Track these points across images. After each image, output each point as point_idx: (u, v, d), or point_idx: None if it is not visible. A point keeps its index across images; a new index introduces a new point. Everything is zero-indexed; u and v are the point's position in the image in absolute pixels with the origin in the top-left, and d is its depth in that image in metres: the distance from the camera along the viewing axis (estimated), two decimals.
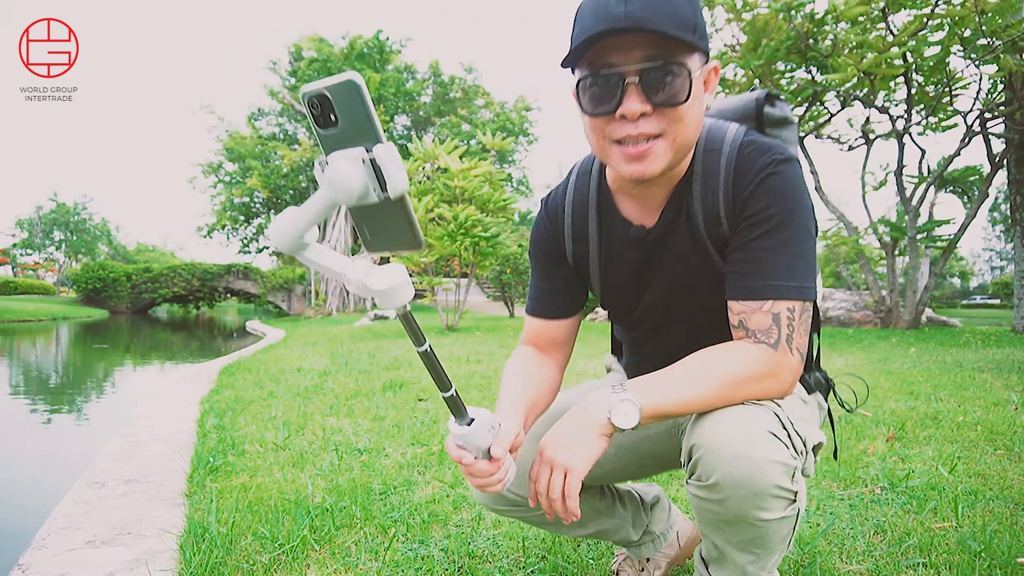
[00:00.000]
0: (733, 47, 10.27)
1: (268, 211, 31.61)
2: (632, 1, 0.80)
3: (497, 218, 10.36)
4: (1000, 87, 9.13)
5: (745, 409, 0.88)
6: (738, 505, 0.86)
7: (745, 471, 0.83)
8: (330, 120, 0.62)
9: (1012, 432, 2.64)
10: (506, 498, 1.14)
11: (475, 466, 0.87)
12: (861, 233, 11.11)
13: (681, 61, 0.84)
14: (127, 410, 4.62)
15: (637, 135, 0.87)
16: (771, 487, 0.84)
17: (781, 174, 0.92)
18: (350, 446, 2.68)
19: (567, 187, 1.11)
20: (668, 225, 1.01)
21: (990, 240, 54.83)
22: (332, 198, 0.63)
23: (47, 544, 1.74)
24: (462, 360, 5.88)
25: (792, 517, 0.90)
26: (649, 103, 0.85)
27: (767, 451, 0.84)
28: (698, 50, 0.86)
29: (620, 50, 0.84)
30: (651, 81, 0.84)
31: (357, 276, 0.67)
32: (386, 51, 26.98)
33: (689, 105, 0.86)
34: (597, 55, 0.85)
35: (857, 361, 5.39)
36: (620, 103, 0.85)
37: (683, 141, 0.90)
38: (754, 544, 0.91)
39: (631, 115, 0.85)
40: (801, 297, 0.91)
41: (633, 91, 0.84)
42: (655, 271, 1.06)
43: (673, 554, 1.41)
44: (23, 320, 24.28)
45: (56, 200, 52.82)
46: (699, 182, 0.97)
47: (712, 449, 0.86)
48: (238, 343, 13.26)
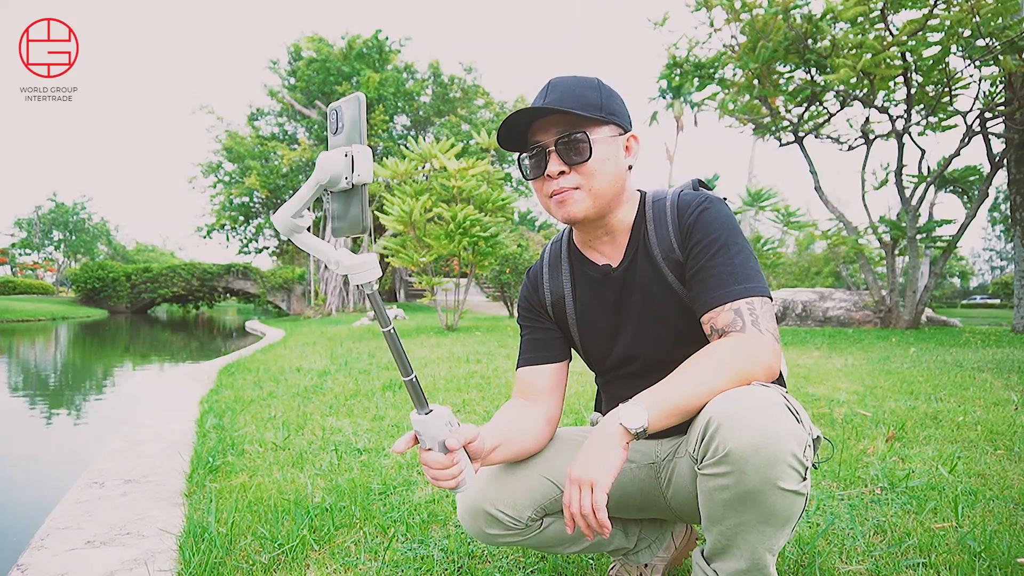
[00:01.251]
0: (731, 48, 10.27)
1: (267, 211, 31.58)
2: (549, 95, 1.12)
3: (496, 218, 10.34)
4: (1000, 87, 9.13)
5: (756, 387, 0.97)
6: (756, 473, 0.90)
7: (763, 436, 0.89)
8: (339, 127, 0.86)
9: (1012, 432, 2.64)
10: (500, 522, 1.18)
11: (429, 456, 0.96)
12: (861, 233, 11.11)
13: (584, 131, 1.11)
14: (127, 410, 4.62)
15: (559, 189, 1.13)
16: (787, 455, 0.90)
17: (714, 207, 1.15)
18: (349, 446, 2.68)
19: (543, 256, 1.37)
20: (631, 261, 1.21)
21: (990, 240, 54.84)
22: (318, 178, 0.84)
23: (47, 544, 1.74)
24: (462, 360, 5.88)
25: (802, 497, 0.94)
26: (564, 164, 1.12)
27: (782, 420, 0.91)
28: (607, 123, 1.13)
29: (542, 130, 1.13)
30: (562, 148, 1.11)
31: (335, 256, 0.86)
32: (385, 51, 26.90)
33: (597, 162, 1.11)
34: (529, 137, 1.15)
35: (857, 361, 5.39)
36: (546, 166, 1.13)
37: (598, 190, 1.13)
38: (769, 521, 0.94)
39: (553, 174, 1.13)
40: (757, 294, 1.06)
41: (553, 157, 1.12)
42: (626, 308, 1.22)
43: (670, 556, 1.41)
44: (22, 320, 24.27)
45: (55, 200, 52.75)
46: (652, 223, 1.20)
47: (729, 418, 0.92)
48: (238, 343, 13.26)
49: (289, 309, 29.81)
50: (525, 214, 36.50)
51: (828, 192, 11.18)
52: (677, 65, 10.94)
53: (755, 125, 11.34)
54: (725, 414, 0.92)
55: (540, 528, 1.21)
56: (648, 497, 1.26)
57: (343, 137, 0.85)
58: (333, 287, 23.84)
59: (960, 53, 8.44)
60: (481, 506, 1.18)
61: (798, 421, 0.93)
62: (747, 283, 1.06)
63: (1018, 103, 8.57)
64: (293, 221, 0.88)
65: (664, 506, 1.26)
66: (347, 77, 25.94)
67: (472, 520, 1.19)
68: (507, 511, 1.17)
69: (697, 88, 11.37)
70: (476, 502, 1.18)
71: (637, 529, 1.37)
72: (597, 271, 1.23)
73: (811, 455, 0.97)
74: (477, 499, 1.18)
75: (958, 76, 8.82)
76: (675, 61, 10.92)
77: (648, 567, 1.38)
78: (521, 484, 1.19)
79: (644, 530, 1.38)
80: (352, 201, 0.86)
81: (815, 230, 12.92)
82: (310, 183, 0.86)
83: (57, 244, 53.71)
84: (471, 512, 1.19)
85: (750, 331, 1.02)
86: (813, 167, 10.79)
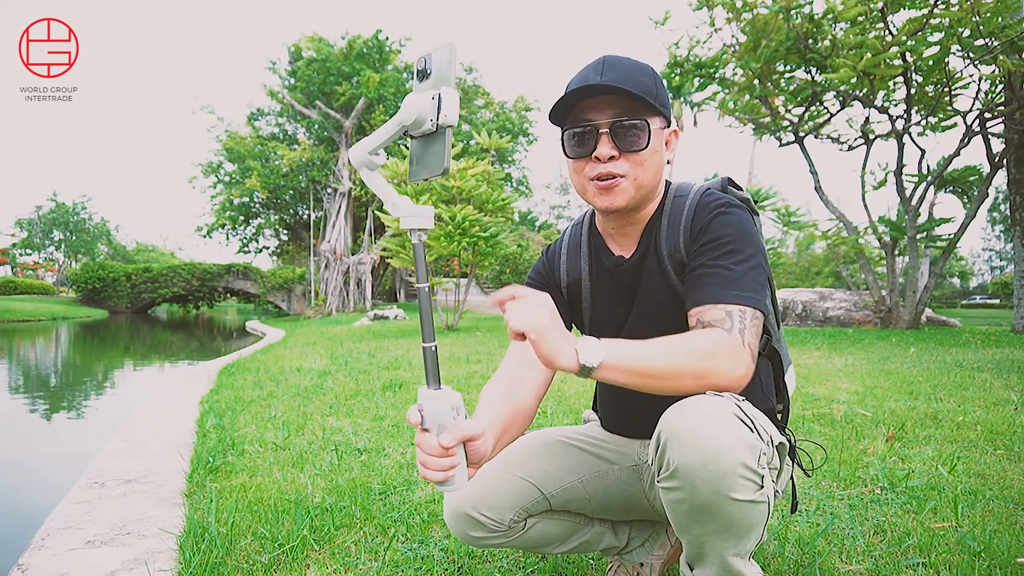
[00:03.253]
0: (732, 47, 10.27)
1: (267, 211, 31.58)
2: (607, 73, 1.06)
3: (496, 218, 10.35)
4: (999, 87, 9.13)
5: (708, 398, 0.93)
6: (707, 487, 0.88)
7: (710, 450, 0.87)
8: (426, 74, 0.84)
9: (1012, 432, 2.64)
10: (483, 525, 1.17)
11: (424, 437, 0.87)
12: (861, 233, 11.11)
13: (643, 118, 1.06)
14: (127, 410, 4.62)
15: (607, 173, 1.08)
16: (737, 466, 0.87)
17: (734, 213, 1.09)
18: (350, 446, 2.68)
19: (563, 237, 1.33)
20: (641, 255, 1.18)
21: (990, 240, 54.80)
22: (401, 119, 0.83)
23: (47, 544, 1.74)
24: (462, 360, 5.88)
25: (764, 504, 0.91)
26: (617, 149, 1.07)
27: (732, 431, 0.88)
28: (659, 114, 1.08)
29: (595, 109, 1.07)
30: (618, 132, 1.06)
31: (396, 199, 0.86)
32: (385, 51, 26.87)
33: (648, 152, 1.08)
34: (578, 113, 1.09)
35: (857, 361, 5.39)
36: (595, 148, 1.07)
37: (643, 183, 1.10)
38: (731, 530, 0.92)
39: (603, 157, 1.07)
40: (752, 304, 1.01)
41: (605, 139, 1.07)
42: (632, 301, 1.20)
43: (665, 555, 1.41)
44: (23, 320, 24.27)
45: (56, 200, 52.73)
46: (667, 220, 1.16)
47: (677, 432, 0.90)
48: (238, 343, 13.26)
49: (289, 309, 29.81)
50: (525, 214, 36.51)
51: (828, 192, 11.17)
52: (678, 64, 10.93)
53: (755, 125, 11.34)
54: (673, 428, 0.90)
55: (524, 529, 1.21)
56: (632, 498, 1.26)
57: (430, 83, 0.84)
58: (333, 287, 23.83)
59: (960, 53, 8.44)
60: (463, 509, 1.17)
61: (752, 430, 0.91)
62: (745, 291, 1.02)
63: (1018, 103, 8.57)
64: (369, 157, 0.88)
65: (649, 507, 1.27)
66: (347, 77, 25.93)
67: (455, 523, 1.19)
68: (489, 514, 1.16)
69: (698, 88, 11.38)
70: (458, 506, 1.17)
71: (627, 529, 1.37)
72: (611, 260, 1.21)
73: (771, 461, 0.95)
74: (458, 502, 1.17)
75: (958, 76, 8.82)
76: (675, 60, 10.91)
77: (644, 566, 1.38)
78: (503, 487, 1.19)
79: (635, 530, 1.38)
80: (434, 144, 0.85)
81: (815, 230, 12.94)
82: (392, 123, 0.84)
83: (57, 244, 53.70)
84: (453, 515, 1.18)
85: (735, 336, 0.97)
86: (813, 167, 10.79)
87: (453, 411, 0.87)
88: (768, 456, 0.94)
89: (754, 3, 9.26)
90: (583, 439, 1.30)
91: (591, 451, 1.28)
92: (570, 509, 1.27)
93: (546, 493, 1.21)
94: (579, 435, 1.31)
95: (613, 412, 1.32)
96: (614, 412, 1.32)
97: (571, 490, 1.23)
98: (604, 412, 1.36)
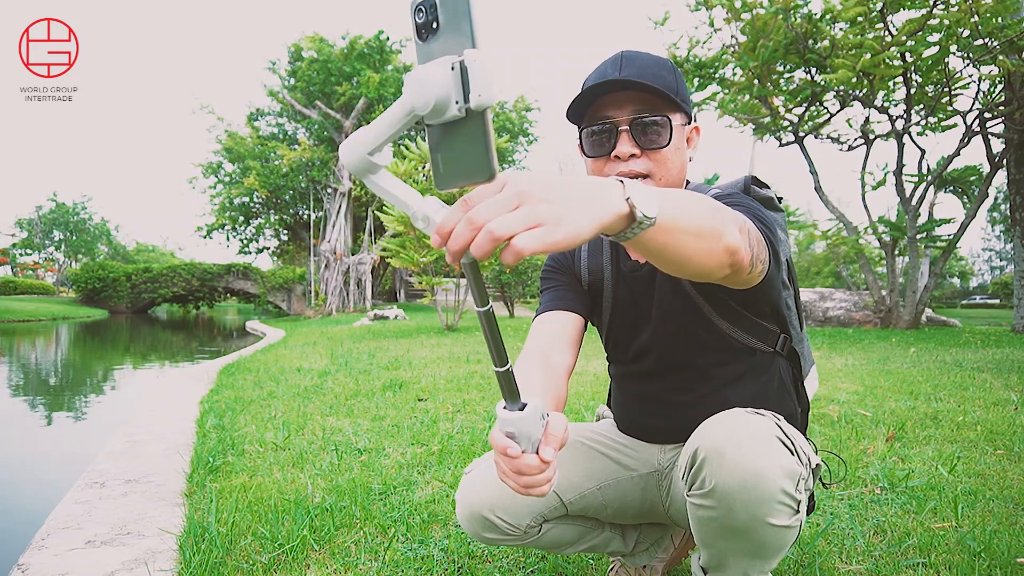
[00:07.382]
0: (731, 48, 10.27)
1: (267, 211, 31.59)
2: (626, 68, 1.01)
3: None
4: (999, 87, 9.13)
5: (748, 415, 0.89)
6: (745, 511, 0.85)
7: (751, 474, 0.84)
8: (432, 28, 0.55)
9: (1012, 432, 2.64)
10: (498, 528, 1.12)
11: (523, 460, 0.74)
12: (861, 233, 11.12)
13: (664, 114, 1.01)
14: (127, 410, 4.62)
15: (628, 172, 1.02)
16: (777, 492, 0.84)
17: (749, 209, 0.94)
18: (350, 446, 2.68)
19: None
20: None
21: (990, 240, 54.83)
22: (410, 103, 0.55)
23: (47, 544, 1.74)
24: (462, 360, 5.88)
25: (796, 528, 0.90)
26: (638, 147, 1.02)
27: (773, 455, 0.85)
28: (680, 110, 1.04)
29: (615, 106, 1.02)
30: (639, 129, 1.01)
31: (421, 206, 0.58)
32: (386, 51, 26.89)
33: (671, 150, 1.03)
34: (597, 110, 1.03)
35: (857, 361, 5.39)
36: (615, 147, 1.02)
37: (667, 181, 1.04)
38: (759, 553, 0.91)
39: (623, 156, 1.02)
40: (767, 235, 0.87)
41: (625, 137, 1.02)
42: (649, 304, 1.16)
43: (669, 557, 1.41)
44: (23, 320, 24.27)
45: (56, 200, 52.76)
46: None
47: (716, 452, 0.86)
48: (238, 343, 13.26)
49: (289, 309, 29.80)
50: None
51: (828, 192, 11.18)
52: (677, 64, 10.94)
53: (755, 125, 11.34)
54: (713, 446, 0.87)
55: (539, 534, 1.18)
56: (647, 505, 1.24)
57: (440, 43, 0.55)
58: (333, 287, 23.83)
59: (959, 53, 8.45)
60: (480, 512, 1.13)
61: (792, 452, 0.88)
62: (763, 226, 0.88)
63: (1018, 103, 8.57)
64: (369, 160, 0.59)
65: (663, 514, 1.25)
66: (348, 77, 25.94)
67: (470, 523, 1.16)
68: (506, 518, 1.12)
69: (697, 88, 11.38)
70: (475, 507, 1.12)
71: (635, 534, 1.35)
72: (628, 265, 1.17)
73: (808, 485, 0.93)
74: (477, 504, 1.12)
75: (957, 76, 8.82)
76: (675, 61, 10.92)
77: (647, 568, 1.38)
78: None
79: (643, 534, 1.37)
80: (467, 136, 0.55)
81: (815, 230, 12.95)
82: (396, 110, 0.56)
83: (58, 244, 53.72)
84: (470, 516, 1.14)
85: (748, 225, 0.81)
86: (813, 167, 10.79)
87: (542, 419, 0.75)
88: (806, 480, 0.91)
89: (753, 3, 9.27)
90: (602, 441, 1.26)
91: (611, 456, 1.24)
92: (586, 515, 1.24)
93: (565, 500, 1.18)
94: (598, 436, 1.27)
95: (630, 416, 1.28)
96: (632, 416, 1.27)
97: (589, 496, 1.20)
98: (620, 415, 1.31)
